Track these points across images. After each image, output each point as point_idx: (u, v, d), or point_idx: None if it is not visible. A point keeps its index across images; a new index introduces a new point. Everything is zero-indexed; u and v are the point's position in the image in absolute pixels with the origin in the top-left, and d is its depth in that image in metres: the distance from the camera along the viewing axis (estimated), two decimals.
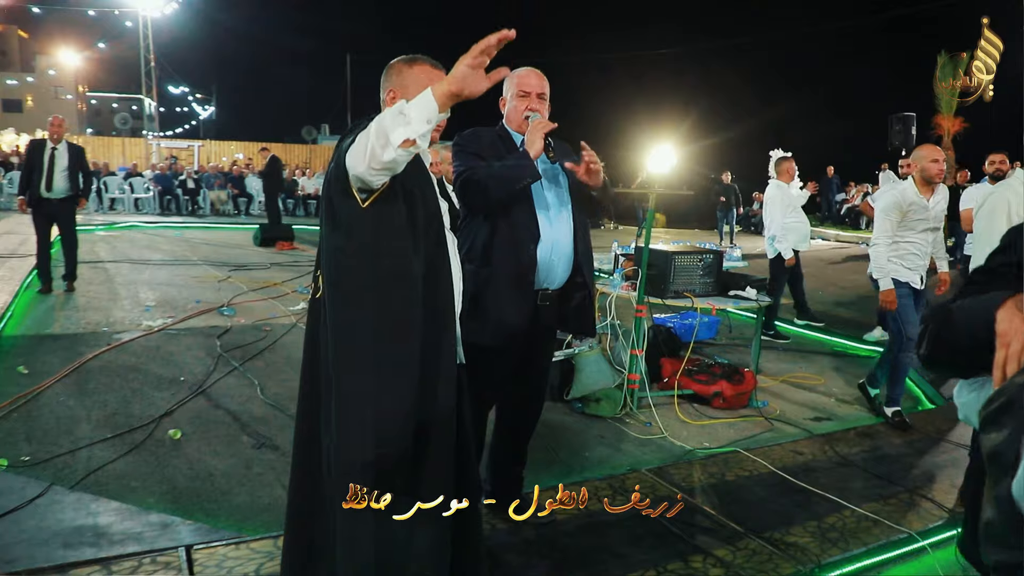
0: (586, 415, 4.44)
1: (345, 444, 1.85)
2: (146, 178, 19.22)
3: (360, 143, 1.69)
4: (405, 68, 2.05)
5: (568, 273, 2.73)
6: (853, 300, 8.68)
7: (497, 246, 2.63)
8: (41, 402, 4.28)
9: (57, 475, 3.36)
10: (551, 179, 2.72)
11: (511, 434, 2.96)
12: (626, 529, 2.86)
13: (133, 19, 25.46)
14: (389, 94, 2.06)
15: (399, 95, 2.04)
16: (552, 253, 2.66)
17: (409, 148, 1.64)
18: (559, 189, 2.73)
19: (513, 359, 2.73)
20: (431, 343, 1.91)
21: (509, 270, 2.61)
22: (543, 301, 2.69)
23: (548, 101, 2.74)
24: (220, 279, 8.67)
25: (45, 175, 7.04)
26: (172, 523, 2.97)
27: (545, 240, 2.65)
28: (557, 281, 2.72)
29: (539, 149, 2.52)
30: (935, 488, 3.44)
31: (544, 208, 2.67)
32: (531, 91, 2.70)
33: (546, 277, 2.68)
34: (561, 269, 2.70)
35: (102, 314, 6.58)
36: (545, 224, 2.66)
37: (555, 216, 2.69)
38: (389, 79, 2.07)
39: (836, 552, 2.82)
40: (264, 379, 4.81)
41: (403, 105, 1.65)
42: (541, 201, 2.68)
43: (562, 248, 2.69)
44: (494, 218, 2.64)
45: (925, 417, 4.60)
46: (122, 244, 11.91)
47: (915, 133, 14.98)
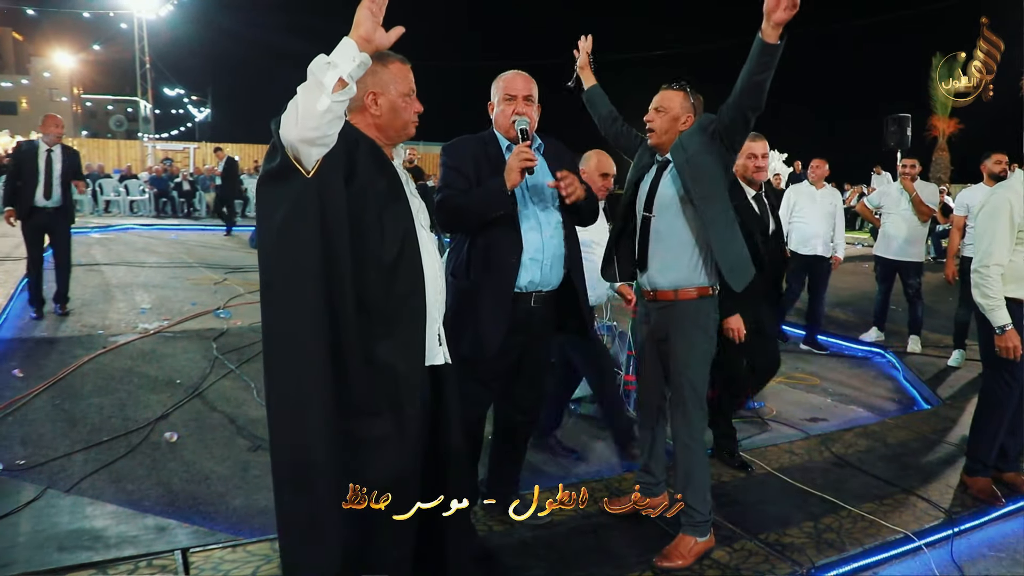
0: (583, 416, 4.44)
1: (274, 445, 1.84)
2: (141, 180, 19.17)
3: (290, 108, 1.68)
4: (380, 68, 2.03)
5: (562, 274, 2.72)
6: (849, 301, 8.71)
7: (478, 260, 2.64)
8: (36, 405, 4.26)
9: (53, 479, 3.35)
10: (539, 182, 2.68)
11: (510, 434, 2.96)
12: (623, 530, 2.86)
13: (128, 21, 25.44)
14: (369, 96, 2.03)
15: (381, 94, 2.04)
16: (543, 257, 2.65)
17: (342, 92, 1.65)
18: (547, 192, 2.70)
19: (505, 364, 2.72)
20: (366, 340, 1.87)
21: (490, 283, 2.61)
22: (536, 303, 2.68)
23: (537, 103, 2.71)
24: (216, 281, 8.65)
25: (43, 181, 6.33)
26: (168, 526, 2.96)
27: (533, 247, 2.63)
28: (552, 283, 2.71)
29: (516, 181, 2.48)
30: (931, 489, 3.45)
31: (531, 215, 2.65)
32: (517, 94, 2.65)
33: (540, 281, 2.67)
34: (555, 272, 2.70)
35: (97, 317, 6.56)
36: (534, 230, 2.64)
37: (544, 220, 2.67)
38: (362, 80, 1.94)
39: (832, 553, 2.82)
40: (260, 382, 4.78)
41: (324, 56, 1.67)
42: (528, 209, 2.65)
43: (553, 251, 2.67)
44: (476, 233, 2.65)
45: (921, 418, 4.60)
46: (117, 246, 11.87)
47: (910, 134, 15.04)
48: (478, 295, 2.60)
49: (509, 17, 46.58)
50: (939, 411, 4.75)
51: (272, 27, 70.16)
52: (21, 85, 46.02)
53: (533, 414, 2.98)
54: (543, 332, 2.80)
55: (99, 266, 9.51)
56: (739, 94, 2.53)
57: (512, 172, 2.47)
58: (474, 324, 2.57)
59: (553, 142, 2.83)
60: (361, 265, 1.85)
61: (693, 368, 2.75)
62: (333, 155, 1.76)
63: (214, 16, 45.07)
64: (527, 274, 2.63)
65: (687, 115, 2.80)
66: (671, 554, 2.68)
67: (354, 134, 1.96)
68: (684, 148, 2.72)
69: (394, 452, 1.89)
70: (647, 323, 2.94)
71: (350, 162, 1.86)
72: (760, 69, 2.42)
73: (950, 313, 6.22)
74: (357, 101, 2.01)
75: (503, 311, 2.60)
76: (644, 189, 2.86)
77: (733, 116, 2.59)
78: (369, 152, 1.96)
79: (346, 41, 1.69)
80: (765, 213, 3.67)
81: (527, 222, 2.64)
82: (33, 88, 45.89)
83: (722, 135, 2.66)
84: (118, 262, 9.99)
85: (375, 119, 2.05)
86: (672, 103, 2.80)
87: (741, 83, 2.50)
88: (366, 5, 1.69)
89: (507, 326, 2.60)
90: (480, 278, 2.62)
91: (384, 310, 1.90)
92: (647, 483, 3.02)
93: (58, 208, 6.44)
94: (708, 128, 2.70)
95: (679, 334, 2.77)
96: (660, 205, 2.78)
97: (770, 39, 2.34)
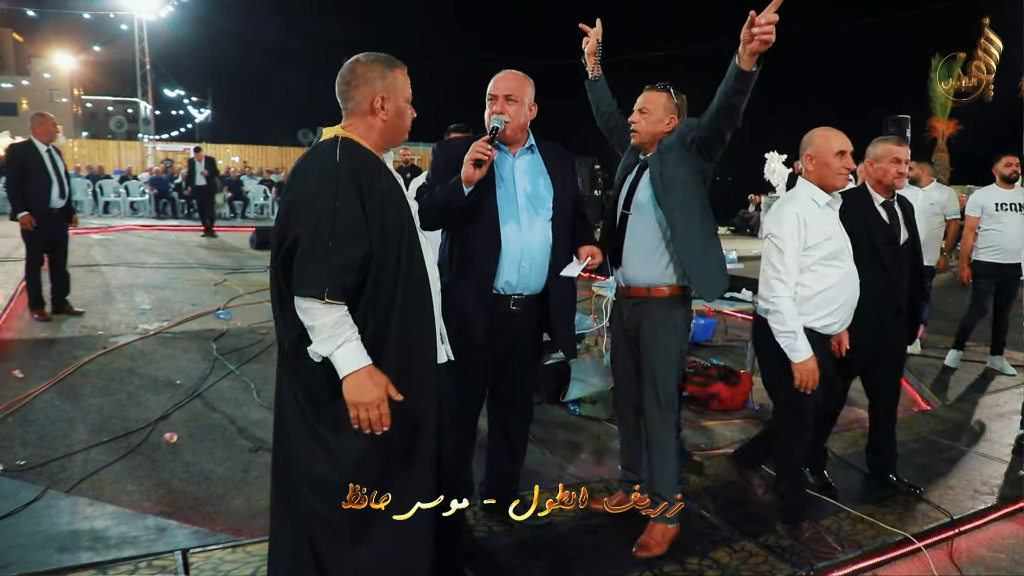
0: (582, 417, 4.44)
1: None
2: (141, 181, 19.18)
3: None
4: (388, 72, 2.03)
5: (543, 280, 2.70)
6: None
7: (458, 258, 2.65)
8: (36, 406, 4.26)
9: (53, 479, 3.35)
10: (532, 186, 2.68)
11: (503, 431, 2.96)
12: (622, 531, 2.86)
13: (128, 22, 25.40)
14: (379, 99, 2.01)
15: (388, 99, 2.03)
16: (523, 260, 2.63)
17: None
18: (539, 198, 2.69)
19: (489, 364, 2.72)
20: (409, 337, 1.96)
21: (469, 282, 2.61)
22: (515, 306, 2.67)
23: (523, 101, 2.65)
24: (216, 282, 8.65)
25: (56, 181, 6.24)
26: (168, 527, 2.96)
27: (513, 249, 2.62)
28: (531, 287, 2.69)
29: (469, 174, 2.45)
30: (931, 489, 3.45)
31: (514, 217, 2.63)
32: (499, 94, 2.63)
33: (517, 283, 2.65)
34: (534, 275, 2.67)
35: (97, 318, 6.57)
36: (514, 232, 2.62)
37: (527, 224, 2.64)
38: (372, 84, 2.00)
39: (832, 554, 2.82)
40: (260, 382, 4.80)
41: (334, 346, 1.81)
42: (510, 210, 2.63)
43: (534, 256, 2.65)
44: (455, 231, 2.66)
45: (921, 418, 4.61)
46: (117, 247, 11.88)
47: (910, 135, 15.05)
48: (458, 291, 2.60)
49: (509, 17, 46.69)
50: (938, 412, 4.76)
51: (272, 28, 70.06)
52: (21, 86, 45.98)
53: (525, 417, 2.99)
54: (526, 339, 2.78)
55: (99, 267, 9.51)
56: (715, 113, 2.54)
57: (466, 166, 2.46)
58: (456, 320, 2.55)
59: (552, 146, 2.82)
60: (379, 265, 1.89)
61: (662, 365, 2.79)
62: None
63: (214, 17, 45.02)
64: (503, 275, 2.62)
65: (670, 116, 2.83)
66: (648, 544, 2.76)
67: (348, 163, 1.92)
68: (661, 160, 2.75)
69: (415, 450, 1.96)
70: (621, 319, 2.98)
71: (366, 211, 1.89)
72: (735, 93, 2.43)
73: (952, 313, 6.22)
74: (363, 104, 2.01)
75: (483, 306, 2.61)
76: (625, 187, 2.90)
77: (709, 133, 2.62)
78: (368, 166, 1.96)
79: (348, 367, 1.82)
80: (895, 222, 3.33)
81: (508, 222, 2.62)
82: (33, 89, 45.85)
83: (699, 147, 2.69)
84: (118, 263, 9.99)
85: (382, 122, 2.05)
86: (655, 104, 2.83)
87: (717, 102, 2.51)
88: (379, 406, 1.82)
89: (487, 323, 2.61)
90: (460, 274, 2.63)
91: (396, 310, 1.93)
92: (630, 482, 3.05)
93: (62, 208, 6.42)
94: (687, 138, 2.71)
95: (650, 331, 2.81)
96: (637, 204, 2.82)
97: (745, 66, 2.35)
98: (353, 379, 1.78)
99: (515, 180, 2.68)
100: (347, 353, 1.79)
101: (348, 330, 1.80)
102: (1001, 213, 5.48)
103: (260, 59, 74.17)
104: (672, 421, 2.81)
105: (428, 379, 2.03)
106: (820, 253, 2.81)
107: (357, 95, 2.01)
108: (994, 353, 5.80)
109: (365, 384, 1.78)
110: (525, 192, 2.68)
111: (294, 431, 1.94)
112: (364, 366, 1.79)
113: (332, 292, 1.76)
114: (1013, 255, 5.37)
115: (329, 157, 1.88)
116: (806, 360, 2.74)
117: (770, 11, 2.22)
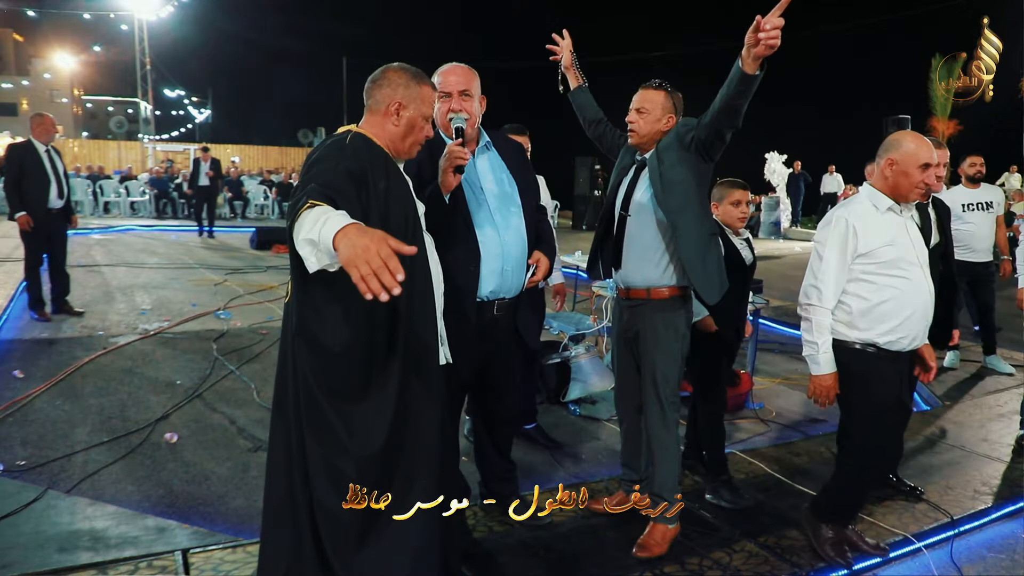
0: (582, 417, 4.44)
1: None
2: (142, 181, 19.17)
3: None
4: (413, 84, 2.07)
5: (524, 279, 2.66)
6: None
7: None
8: (36, 406, 4.27)
9: (53, 479, 3.35)
10: (498, 185, 2.63)
11: (490, 430, 2.95)
12: (622, 531, 2.86)
13: (129, 23, 25.46)
14: (395, 105, 2.04)
15: (405, 108, 2.05)
16: (504, 263, 2.57)
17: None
18: (507, 196, 2.63)
19: (471, 369, 2.65)
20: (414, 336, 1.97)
21: (451, 292, 2.50)
22: (498, 311, 2.62)
23: (475, 96, 2.56)
24: (216, 282, 8.66)
25: (55, 181, 6.24)
26: (168, 527, 2.97)
27: (493, 255, 2.54)
28: (515, 289, 2.64)
29: (450, 183, 2.37)
30: (931, 490, 3.45)
31: (488, 221, 2.55)
32: (452, 90, 2.52)
33: (501, 288, 2.59)
34: (516, 277, 2.62)
35: (97, 318, 6.57)
36: (492, 237, 2.54)
37: (503, 226, 2.57)
38: (395, 89, 2.05)
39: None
40: (260, 382, 4.80)
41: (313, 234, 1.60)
42: (483, 214, 2.55)
43: (515, 257, 2.60)
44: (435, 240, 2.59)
45: (920, 419, 4.60)
46: (118, 247, 11.88)
47: None
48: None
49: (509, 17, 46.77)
50: (938, 412, 4.76)
51: (272, 29, 70.12)
52: (21, 86, 45.98)
53: (509, 412, 2.97)
54: (508, 340, 2.75)
55: (99, 267, 9.51)
56: (716, 114, 2.53)
57: (445, 175, 2.36)
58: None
59: (502, 137, 2.77)
60: None
61: (662, 366, 2.78)
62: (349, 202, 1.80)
63: (214, 18, 45.10)
64: (487, 284, 2.55)
65: (668, 115, 2.82)
66: (648, 544, 2.75)
67: (360, 159, 1.94)
68: (660, 160, 2.74)
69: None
70: (620, 320, 2.98)
71: (362, 200, 1.89)
72: (737, 95, 2.42)
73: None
74: (381, 104, 2.06)
75: (467, 318, 2.51)
76: (623, 189, 2.89)
77: (709, 133, 2.61)
78: (375, 160, 1.98)
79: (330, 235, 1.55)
80: (927, 224, 3.24)
81: (483, 227, 2.54)
82: (33, 89, 45.85)
83: (698, 147, 2.68)
84: (118, 263, 9.99)
85: (394, 127, 2.07)
86: (653, 103, 2.81)
87: (718, 103, 2.50)
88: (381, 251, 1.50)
89: (473, 334, 2.53)
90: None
91: (400, 308, 1.93)
92: (630, 479, 3.05)
93: (61, 209, 6.41)
94: (685, 138, 2.70)
95: (650, 332, 2.81)
96: (636, 206, 2.81)
97: (749, 70, 2.34)
98: (342, 236, 1.51)
99: (480, 181, 2.59)
100: (332, 222, 1.56)
101: (332, 211, 1.63)
102: (968, 213, 5.53)
103: (260, 59, 74.25)
104: (673, 422, 2.81)
105: (431, 378, 2.02)
106: (876, 261, 2.57)
107: (378, 95, 2.07)
108: (987, 354, 5.83)
109: (356, 235, 1.51)
110: (493, 193, 2.60)
111: (308, 414, 1.93)
112: (352, 222, 1.57)
113: (314, 197, 1.68)
114: (984, 253, 5.54)
115: (339, 143, 1.98)
116: (823, 375, 2.64)
117: (775, 15, 2.22)
